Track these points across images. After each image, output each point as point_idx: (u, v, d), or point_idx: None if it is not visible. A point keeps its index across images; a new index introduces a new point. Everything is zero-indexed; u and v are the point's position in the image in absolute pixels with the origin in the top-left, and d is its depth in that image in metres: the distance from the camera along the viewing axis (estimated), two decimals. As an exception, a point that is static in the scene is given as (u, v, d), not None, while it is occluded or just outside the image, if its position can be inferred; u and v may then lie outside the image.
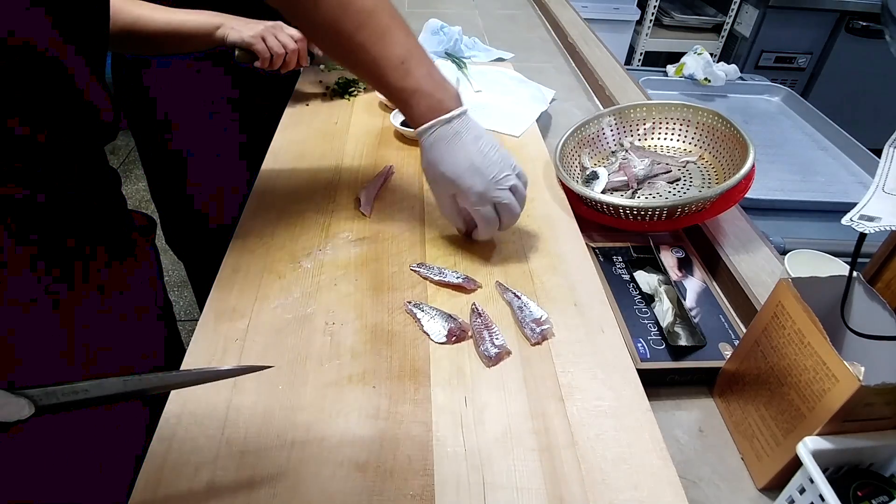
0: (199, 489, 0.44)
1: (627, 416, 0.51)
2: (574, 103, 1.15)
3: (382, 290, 0.63)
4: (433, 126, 0.60)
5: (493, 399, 0.51)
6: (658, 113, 0.90)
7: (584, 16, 1.58)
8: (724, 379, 0.58)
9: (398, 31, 0.59)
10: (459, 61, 1.20)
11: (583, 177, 0.86)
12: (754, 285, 0.68)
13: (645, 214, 0.71)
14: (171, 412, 0.49)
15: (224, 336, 0.56)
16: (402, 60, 0.58)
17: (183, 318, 1.87)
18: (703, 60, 1.54)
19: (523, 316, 0.59)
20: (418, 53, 0.60)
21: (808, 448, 0.43)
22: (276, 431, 0.48)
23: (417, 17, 1.54)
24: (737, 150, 0.79)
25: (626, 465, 0.47)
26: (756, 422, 0.51)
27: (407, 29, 0.60)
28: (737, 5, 2.61)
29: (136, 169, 2.54)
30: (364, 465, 0.46)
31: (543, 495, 0.44)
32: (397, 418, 0.49)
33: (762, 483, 0.50)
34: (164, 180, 1.13)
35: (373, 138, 0.92)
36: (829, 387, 0.42)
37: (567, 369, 0.55)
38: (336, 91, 1.05)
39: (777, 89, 1.57)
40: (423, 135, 0.61)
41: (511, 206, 0.62)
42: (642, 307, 0.65)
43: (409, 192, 0.79)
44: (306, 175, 0.81)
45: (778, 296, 0.49)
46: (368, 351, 0.56)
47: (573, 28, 1.46)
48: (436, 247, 0.69)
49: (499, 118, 0.99)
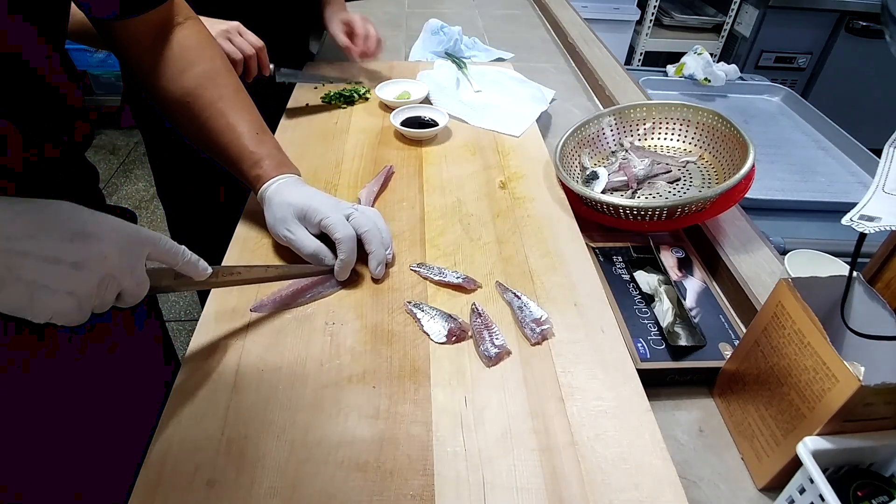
0: (199, 489, 0.44)
1: (627, 416, 0.51)
2: (574, 103, 1.15)
3: (382, 290, 0.63)
4: (282, 177, 0.65)
5: (493, 399, 0.51)
6: (658, 113, 0.90)
7: (584, 16, 1.58)
8: (724, 379, 0.58)
9: (254, 111, 0.67)
10: (459, 61, 1.20)
11: (583, 177, 0.86)
12: (754, 285, 0.68)
13: (645, 214, 0.71)
14: (171, 412, 0.49)
15: (224, 336, 0.56)
16: (256, 131, 0.66)
17: (183, 318, 1.87)
18: (703, 60, 1.54)
19: (523, 316, 0.59)
20: (269, 132, 0.69)
21: (808, 448, 0.43)
22: (276, 431, 0.48)
23: (417, 17, 1.54)
24: (737, 150, 0.79)
25: (626, 465, 0.47)
26: (756, 422, 0.51)
27: (259, 115, 0.68)
28: (737, 5, 2.61)
29: (137, 169, 2.54)
30: (364, 465, 0.46)
31: (543, 495, 0.44)
32: (397, 418, 0.49)
33: (762, 483, 0.50)
34: (171, 177, 1.13)
35: (373, 138, 0.92)
36: (829, 387, 0.42)
37: (567, 369, 0.55)
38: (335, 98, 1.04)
39: (777, 89, 1.57)
40: (272, 184, 0.64)
41: (368, 227, 0.61)
42: (642, 307, 0.65)
43: (409, 192, 0.79)
44: (306, 175, 0.81)
45: (778, 296, 0.49)
46: (368, 351, 0.56)
47: (573, 28, 1.46)
48: (436, 247, 0.69)
49: (499, 118, 0.99)
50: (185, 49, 0.63)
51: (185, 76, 0.62)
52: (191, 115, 0.64)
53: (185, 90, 0.62)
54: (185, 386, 0.51)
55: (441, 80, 1.08)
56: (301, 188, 0.64)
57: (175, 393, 0.51)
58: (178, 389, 0.51)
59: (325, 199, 0.63)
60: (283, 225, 0.62)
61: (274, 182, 0.64)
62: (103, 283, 0.40)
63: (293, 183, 0.65)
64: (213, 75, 0.64)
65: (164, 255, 0.45)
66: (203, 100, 0.63)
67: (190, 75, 0.62)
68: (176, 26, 0.63)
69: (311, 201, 0.61)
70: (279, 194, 0.63)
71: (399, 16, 1.58)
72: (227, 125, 0.64)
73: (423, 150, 0.90)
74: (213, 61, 0.65)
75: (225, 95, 0.64)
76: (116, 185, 2.44)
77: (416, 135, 0.90)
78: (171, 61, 0.62)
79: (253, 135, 0.65)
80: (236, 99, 0.65)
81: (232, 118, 0.64)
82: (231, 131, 0.64)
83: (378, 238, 0.62)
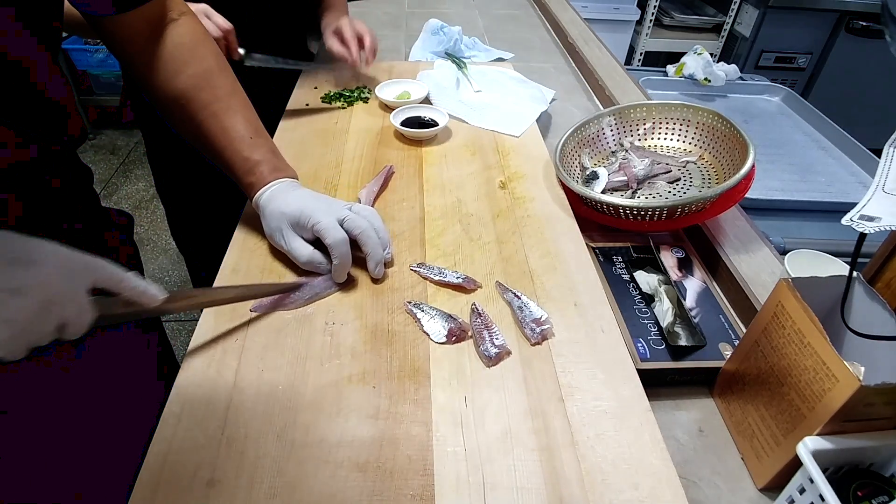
0: (199, 489, 0.44)
1: (627, 416, 0.51)
2: (574, 103, 1.15)
3: (382, 290, 0.63)
4: (275, 183, 0.64)
5: (493, 399, 0.51)
6: (658, 113, 0.90)
7: (584, 16, 1.58)
8: (724, 379, 0.58)
9: (249, 112, 0.66)
10: (459, 61, 1.20)
11: (583, 177, 0.86)
12: (754, 285, 0.68)
13: (645, 214, 0.71)
14: (171, 412, 0.49)
15: (224, 336, 0.56)
16: (251, 135, 0.65)
17: (183, 319, 1.87)
18: (703, 60, 1.54)
19: (523, 316, 0.59)
20: (265, 133, 0.67)
21: (808, 448, 0.43)
22: (276, 431, 0.48)
23: (417, 17, 1.54)
24: (737, 150, 0.79)
25: (626, 465, 0.47)
26: (756, 422, 0.51)
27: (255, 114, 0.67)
28: (737, 5, 2.61)
29: (137, 169, 2.54)
30: (364, 465, 0.46)
31: (543, 495, 0.44)
32: (397, 418, 0.49)
33: (762, 483, 0.50)
34: (171, 177, 1.13)
35: (373, 138, 0.92)
36: (829, 387, 0.42)
37: (567, 369, 0.55)
38: (335, 98, 1.04)
39: (777, 89, 1.57)
40: (266, 191, 0.64)
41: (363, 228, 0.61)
42: (642, 307, 0.65)
43: (409, 192, 0.79)
44: (306, 175, 0.81)
45: (778, 296, 0.49)
46: (368, 351, 0.56)
47: (573, 28, 1.46)
48: (436, 247, 0.69)
49: (499, 118, 0.99)
50: (179, 48, 0.62)
51: (180, 77, 0.62)
52: (186, 116, 0.63)
53: (180, 92, 0.62)
54: (185, 386, 0.51)
55: (441, 80, 1.08)
56: (294, 192, 0.63)
57: (175, 393, 0.51)
58: (178, 389, 0.51)
59: (318, 203, 0.62)
60: (279, 234, 0.62)
61: (267, 189, 0.63)
62: (43, 311, 0.38)
63: (287, 188, 0.64)
64: (208, 76, 0.63)
65: (109, 282, 0.42)
66: (197, 102, 0.62)
67: (184, 76, 0.62)
68: (170, 23, 0.62)
69: (303, 207, 0.61)
70: (273, 202, 0.62)
71: (399, 16, 1.58)
72: (222, 129, 0.63)
73: (423, 150, 0.90)
74: (206, 60, 0.64)
75: (219, 97, 0.63)
76: (116, 185, 2.44)
77: (416, 135, 0.90)
78: (165, 61, 0.61)
79: (247, 139, 0.64)
80: (231, 101, 0.65)
81: (226, 121, 0.63)
82: (225, 135, 0.63)
83: (374, 239, 0.61)
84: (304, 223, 0.60)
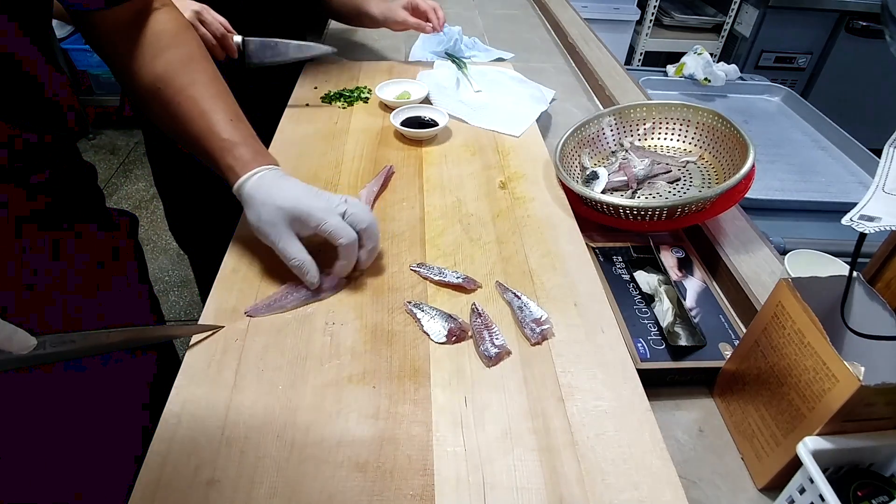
0: (199, 489, 0.44)
1: (627, 416, 0.51)
2: (574, 103, 1.15)
3: (382, 290, 0.63)
4: (260, 170, 0.60)
5: (493, 399, 0.51)
6: (658, 113, 0.90)
7: (584, 16, 1.58)
8: (724, 379, 0.58)
9: (230, 98, 0.63)
10: (459, 61, 1.20)
11: (583, 177, 0.86)
12: (754, 285, 0.68)
13: (645, 214, 0.71)
14: (171, 412, 0.49)
15: (224, 336, 0.56)
16: (230, 119, 0.61)
17: (183, 319, 1.87)
18: (703, 60, 1.54)
19: (523, 316, 0.59)
20: (245, 120, 0.64)
21: (808, 448, 0.43)
22: (276, 431, 0.48)
23: (417, 17, 1.54)
24: (737, 150, 0.79)
25: (626, 465, 0.47)
26: (756, 422, 0.51)
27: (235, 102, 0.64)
28: (737, 5, 2.61)
29: (137, 169, 2.54)
30: (364, 465, 0.46)
31: (543, 495, 0.44)
32: (397, 418, 0.49)
33: (762, 483, 0.50)
34: (171, 176, 1.13)
35: (373, 138, 0.92)
36: (829, 387, 0.42)
37: (567, 369, 0.55)
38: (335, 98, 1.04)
39: (777, 89, 1.57)
40: (251, 178, 0.59)
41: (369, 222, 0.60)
42: (642, 307, 0.65)
43: (409, 192, 0.79)
44: (306, 175, 0.81)
45: (778, 296, 0.49)
46: (368, 351, 0.56)
47: (573, 28, 1.46)
48: (436, 247, 0.69)
49: (499, 118, 0.99)
50: (160, 34, 0.60)
51: (158, 61, 0.59)
52: (162, 101, 0.60)
53: (157, 75, 0.59)
54: (185, 385, 0.51)
55: (441, 80, 1.08)
56: (286, 184, 0.60)
57: (175, 393, 0.51)
58: (178, 389, 0.51)
59: (314, 200, 0.58)
60: (272, 229, 0.58)
61: (253, 175, 0.59)
62: None
63: (276, 177, 0.60)
64: (188, 60, 0.61)
65: None
66: (174, 86, 0.59)
67: (162, 60, 0.59)
68: (153, 12, 0.61)
69: (300, 204, 0.57)
70: (262, 192, 0.58)
71: (399, 16, 1.57)
72: (200, 112, 0.60)
73: (423, 150, 0.90)
74: (188, 46, 0.62)
75: (198, 81, 0.60)
76: (116, 185, 2.44)
77: (416, 135, 0.90)
78: (144, 46, 0.59)
79: (227, 121, 0.60)
80: (211, 85, 0.61)
81: (205, 105, 0.60)
82: (203, 118, 0.60)
83: (378, 233, 0.61)
84: (307, 222, 0.57)
